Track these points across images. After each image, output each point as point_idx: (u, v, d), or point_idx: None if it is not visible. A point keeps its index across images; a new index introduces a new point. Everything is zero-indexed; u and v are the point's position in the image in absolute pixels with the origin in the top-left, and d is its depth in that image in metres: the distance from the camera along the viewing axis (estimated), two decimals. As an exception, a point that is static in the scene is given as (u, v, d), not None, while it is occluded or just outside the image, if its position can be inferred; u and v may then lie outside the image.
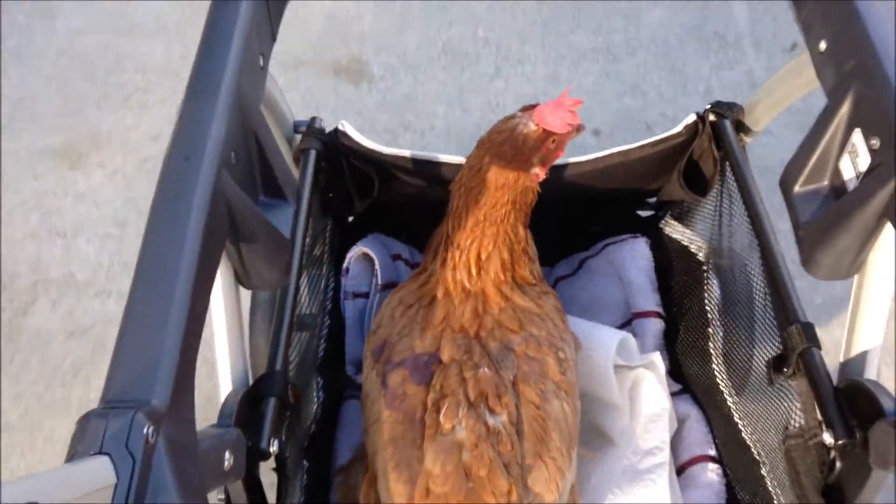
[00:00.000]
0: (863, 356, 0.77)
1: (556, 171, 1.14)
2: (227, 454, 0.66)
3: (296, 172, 1.05)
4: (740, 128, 1.07)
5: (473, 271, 0.91)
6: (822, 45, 0.80)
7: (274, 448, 0.77)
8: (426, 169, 1.12)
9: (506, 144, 0.90)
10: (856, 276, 0.79)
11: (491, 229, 0.92)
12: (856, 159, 0.77)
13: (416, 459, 0.79)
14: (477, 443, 0.78)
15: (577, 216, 1.31)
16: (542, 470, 0.80)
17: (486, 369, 0.84)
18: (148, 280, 0.59)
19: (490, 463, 0.78)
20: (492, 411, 0.81)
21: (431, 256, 0.97)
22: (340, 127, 1.11)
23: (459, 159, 1.05)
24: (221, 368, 0.77)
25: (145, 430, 0.51)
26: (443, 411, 0.80)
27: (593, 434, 1.11)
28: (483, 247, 0.92)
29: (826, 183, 0.83)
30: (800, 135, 0.80)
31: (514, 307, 0.91)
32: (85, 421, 0.52)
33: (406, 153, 1.11)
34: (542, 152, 0.92)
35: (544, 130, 0.91)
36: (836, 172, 0.81)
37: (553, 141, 0.92)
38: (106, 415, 0.52)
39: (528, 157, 0.91)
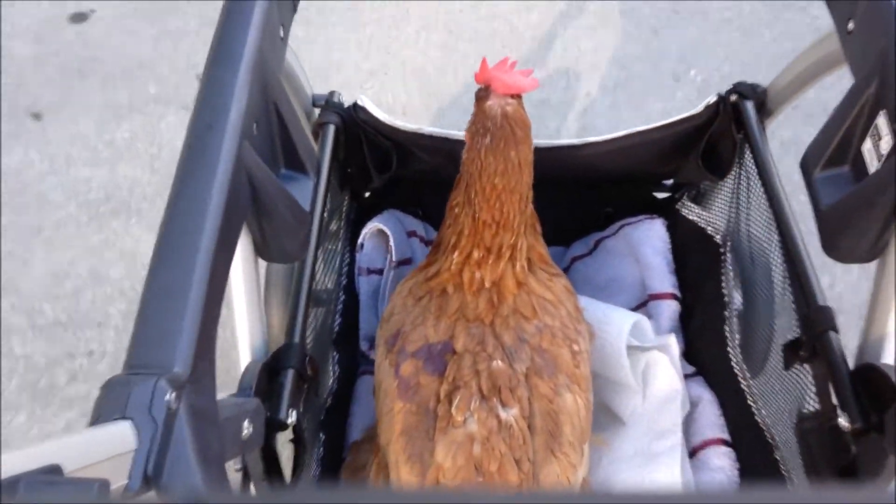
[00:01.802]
0: (881, 340, 0.76)
1: (574, 151, 1.14)
2: (245, 423, 0.67)
3: (315, 146, 1.05)
4: (761, 109, 1.06)
5: (501, 266, 0.88)
6: (851, 25, 0.79)
7: (292, 419, 0.78)
8: (444, 146, 1.11)
9: (517, 130, 0.86)
10: (877, 261, 0.78)
11: (518, 220, 0.89)
12: (878, 143, 0.76)
13: (427, 451, 0.79)
14: (489, 436, 0.78)
15: (594, 196, 1.31)
16: (553, 465, 0.80)
17: (499, 362, 0.83)
18: (170, 248, 0.60)
19: (501, 458, 0.77)
20: (504, 405, 0.80)
21: (441, 252, 0.93)
22: (359, 102, 1.11)
23: None
24: (241, 339, 0.78)
25: (168, 397, 0.51)
26: (455, 403, 0.80)
27: (605, 415, 1.11)
28: (518, 237, 0.89)
29: (847, 166, 0.82)
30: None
31: (529, 292, 0.90)
32: (108, 386, 0.52)
33: (424, 129, 1.11)
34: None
35: (518, 95, 0.88)
36: (858, 155, 0.80)
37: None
38: (129, 381, 0.52)
39: (528, 134, 0.89)
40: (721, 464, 1.07)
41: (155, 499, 0.51)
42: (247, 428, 0.67)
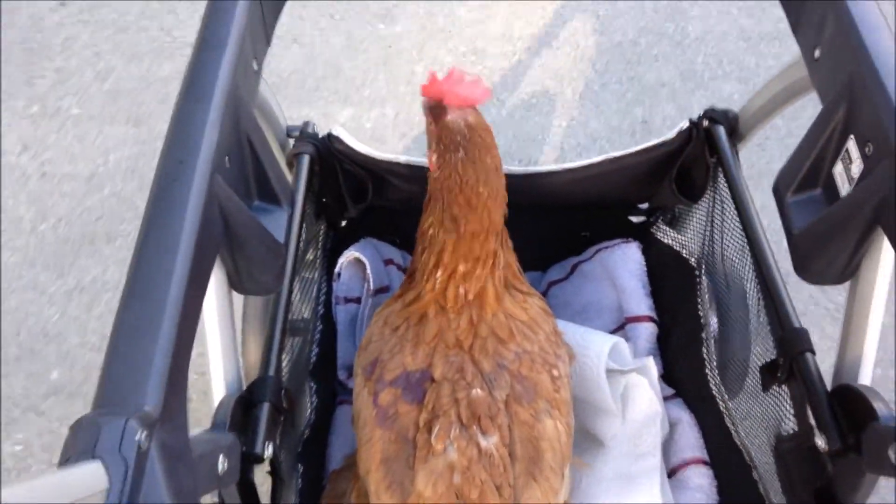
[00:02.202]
0: (857, 361, 0.77)
1: (550, 178, 1.15)
2: (221, 458, 0.66)
3: (289, 177, 1.04)
4: (733, 134, 1.07)
5: (485, 274, 0.88)
6: (817, 53, 0.81)
7: (268, 452, 0.77)
8: (420, 174, 1.12)
9: (471, 147, 0.86)
10: (849, 282, 0.79)
11: (501, 222, 0.90)
12: (849, 166, 0.77)
13: (408, 479, 0.78)
14: (469, 465, 0.78)
15: (569, 222, 1.31)
16: (534, 490, 0.80)
17: (478, 390, 0.82)
18: (141, 284, 0.59)
19: (481, 485, 0.77)
20: (484, 433, 0.80)
21: (417, 281, 0.92)
22: (334, 132, 1.11)
23: None
24: (214, 373, 0.77)
25: (138, 436, 0.51)
26: (434, 432, 0.79)
27: (585, 438, 1.11)
28: (499, 241, 0.89)
29: (819, 190, 0.83)
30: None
31: (506, 313, 0.90)
32: (77, 426, 0.51)
33: (400, 158, 1.11)
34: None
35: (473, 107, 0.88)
36: (830, 179, 0.81)
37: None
38: (98, 420, 0.51)
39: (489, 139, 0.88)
40: (700, 483, 1.07)
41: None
42: (222, 463, 0.66)
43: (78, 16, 2.30)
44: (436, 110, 0.87)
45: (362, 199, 1.17)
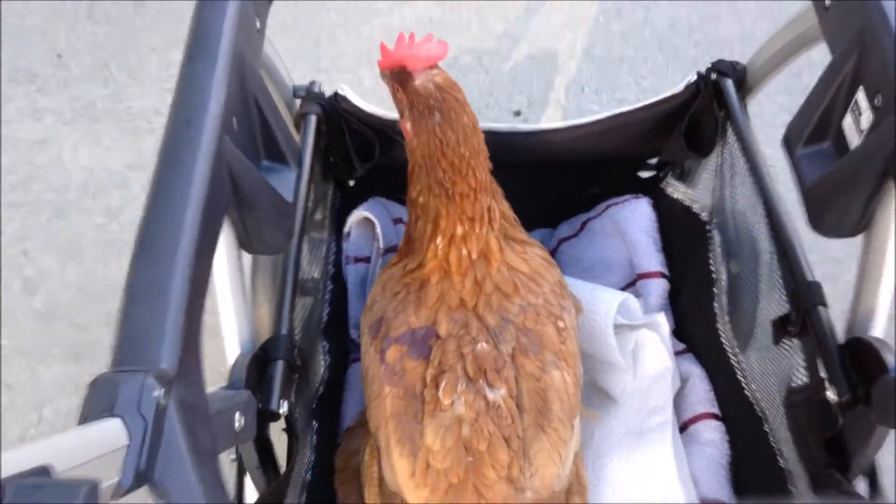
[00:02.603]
0: (869, 314, 0.77)
1: (557, 134, 1.14)
2: (237, 415, 0.67)
3: (296, 137, 1.04)
4: (741, 87, 1.06)
5: (485, 231, 0.88)
6: (828, 2, 0.80)
7: (283, 409, 0.78)
8: None
9: (446, 108, 0.85)
10: (863, 235, 0.79)
11: (489, 179, 0.89)
12: (859, 118, 0.77)
13: (417, 434, 0.79)
14: (476, 417, 0.78)
15: (578, 178, 1.31)
16: (543, 441, 0.80)
17: (484, 344, 0.83)
18: (151, 245, 0.59)
19: (490, 437, 0.78)
20: (491, 385, 0.80)
21: (416, 250, 0.92)
22: (340, 91, 1.10)
23: None
24: (227, 333, 0.78)
25: (156, 393, 0.51)
26: (441, 387, 0.80)
27: (596, 394, 1.11)
28: (492, 198, 0.89)
29: (829, 142, 0.83)
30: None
31: (508, 266, 0.89)
32: (96, 385, 0.52)
33: None
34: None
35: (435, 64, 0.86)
36: (839, 131, 0.80)
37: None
38: (117, 379, 0.52)
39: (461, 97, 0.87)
40: (711, 437, 1.08)
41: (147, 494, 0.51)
42: (238, 420, 0.67)
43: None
44: (400, 77, 0.86)
45: (369, 157, 1.17)
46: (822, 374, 0.78)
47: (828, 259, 1.27)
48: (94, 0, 2.14)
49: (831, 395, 0.76)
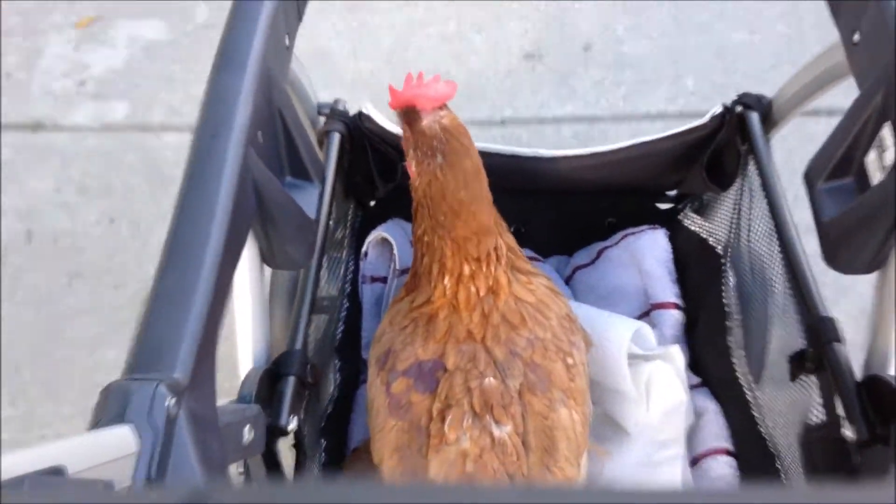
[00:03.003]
0: (885, 351, 0.76)
1: (577, 162, 1.14)
2: (246, 429, 0.67)
3: (320, 154, 1.05)
4: (766, 121, 1.06)
5: (493, 270, 0.88)
6: (856, 37, 0.79)
7: (292, 425, 0.78)
8: None
9: (449, 152, 0.85)
10: (878, 272, 0.78)
11: (492, 221, 0.89)
12: (882, 154, 0.76)
13: (421, 468, 0.79)
14: (481, 454, 0.78)
15: (597, 207, 1.31)
16: (549, 481, 0.80)
17: (491, 379, 0.82)
18: (176, 255, 0.60)
19: (495, 474, 0.77)
20: (497, 422, 0.80)
21: (423, 287, 0.91)
22: (364, 110, 1.11)
23: (487, 146, 1.04)
24: (242, 346, 0.78)
25: (167, 403, 0.52)
26: (447, 421, 0.80)
27: (608, 425, 1.10)
28: (497, 237, 0.89)
29: (851, 178, 0.83)
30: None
31: (515, 297, 0.89)
32: (108, 391, 0.52)
33: None
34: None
35: (444, 105, 0.87)
36: (862, 168, 0.80)
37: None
38: (129, 386, 0.52)
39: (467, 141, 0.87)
40: (722, 473, 1.06)
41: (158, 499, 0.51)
42: (248, 434, 0.67)
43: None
44: (408, 116, 0.86)
45: (392, 178, 1.17)
46: (839, 411, 0.78)
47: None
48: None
49: (848, 433, 0.75)
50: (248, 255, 0.75)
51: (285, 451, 0.80)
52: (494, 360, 0.84)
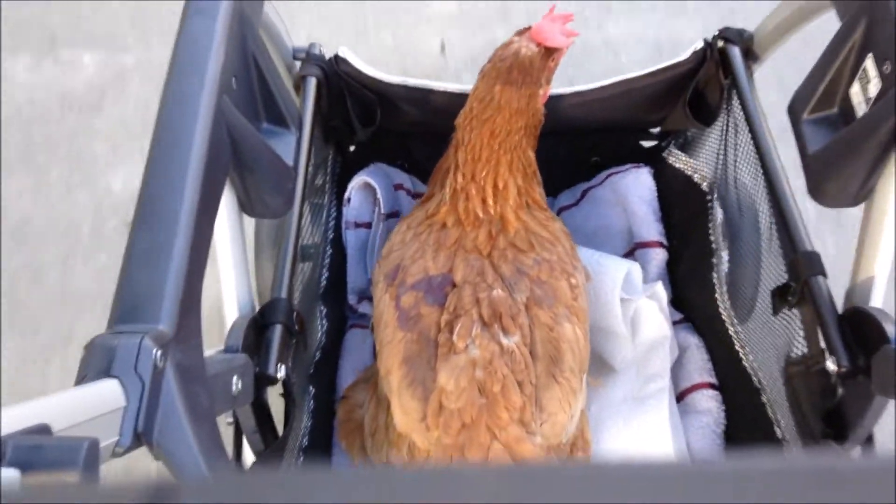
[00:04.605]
0: (869, 284, 0.77)
1: (559, 101, 1.13)
2: (234, 379, 0.67)
3: (297, 100, 1.03)
4: (748, 55, 1.05)
5: (490, 201, 0.91)
6: (837, -33, 0.78)
7: (281, 374, 0.78)
8: (428, 97, 1.10)
9: (513, 70, 0.89)
10: (864, 204, 0.79)
11: (506, 157, 0.92)
12: (866, 85, 0.76)
13: (429, 378, 0.79)
14: (491, 360, 0.79)
15: (580, 146, 1.30)
16: (554, 390, 0.81)
17: (499, 290, 0.84)
18: (152, 206, 0.59)
19: (504, 379, 0.78)
20: (505, 331, 0.81)
21: (438, 187, 0.96)
22: (340, 53, 1.09)
23: (463, 88, 1.03)
24: (227, 296, 0.77)
25: (153, 354, 0.51)
26: (456, 331, 0.80)
27: (596, 362, 1.12)
28: (500, 175, 0.92)
29: (835, 110, 0.82)
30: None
31: (527, 229, 0.92)
32: (93, 346, 0.52)
33: (408, 81, 1.10)
34: (546, 71, 0.93)
35: (546, 48, 0.90)
36: (846, 99, 0.80)
37: (553, 59, 0.92)
38: (114, 340, 0.52)
39: (537, 78, 0.90)
40: (708, 406, 1.08)
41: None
42: (236, 383, 0.67)
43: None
44: (521, 31, 0.92)
45: (371, 122, 1.16)
46: (822, 344, 0.78)
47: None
48: None
49: (831, 365, 0.76)
50: (226, 204, 0.74)
51: (274, 399, 0.81)
52: (502, 275, 0.86)
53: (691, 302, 1.18)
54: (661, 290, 1.11)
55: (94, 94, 1.85)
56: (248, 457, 0.78)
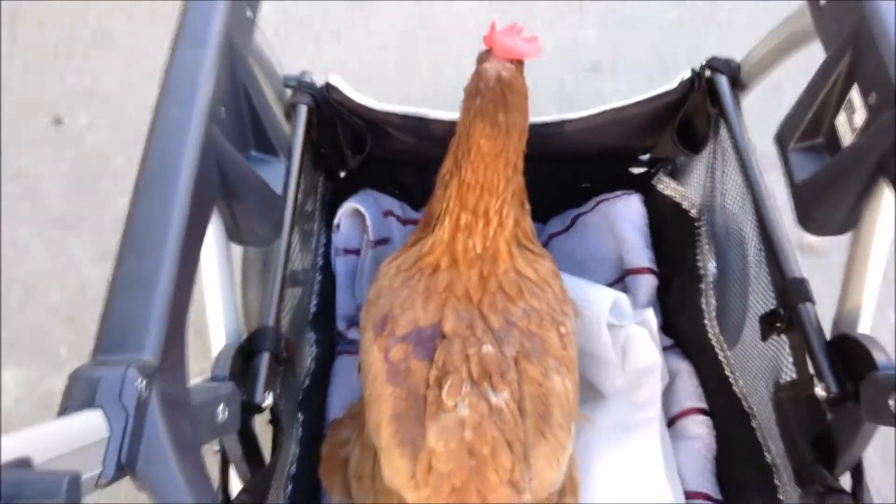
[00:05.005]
0: (856, 311, 0.77)
1: (551, 129, 1.14)
2: (220, 407, 0.66)
3: (287, 128, 1.03)
4: (735, 84, 1.06)
5: (491, 233, 0.89)
6: (822, 1, 0.79)
7: (268, 401, 0.77)
8: (419, 126, 1.11)
9: (507, 95, 0.87)
10: (851, 232, 0.79)
11: (510, 184, 0.90)
12: (852, 115, 0.77)
13: (419, 436, 0.78)
14: (480, 421, 0.78)
15: (570, 173, 1.31)
16: (543, 447, 0.80)
17: (489, 346, 0.82)
18: (138, 236, 0.59)
19: (493, 441, 0.77)
20: (495, 389, 0.80)
21: (432, 227, 0.93)
22: (331, 81, 1.10)
23: (453, 115, 1.04)
24: (214, 323, 0.77)
25: (138, 384, 0.51)
26: (445, 388, 0.79)
27: (586, 388, 1.11)
28: (505, 202, 0.89)
29: (821, 139, 0.83)
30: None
31: (517, 271, 0.90)
32: (77, 376, 0.52)
33: (398, 109, 1.10)
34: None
35: (519, 62, 0.89)
36: (832, 129, 0.81)
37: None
38: (98, 370, 0.51)
39: (525, 94, 0.89)
40: (699, 432, 1.08)
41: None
42: (222, 412, 0.67)
43: None
44: (482, 57, 0.89)
45: (361, 149, 1.16)
46: (811, 370, 0.79)
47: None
48: None
49: (819, 391, 0.76)
50: (214, 232, 0.74)
51: (263, 427, 0.80)
52: (491, 328, 0.85)
53: (681, 327, 1.19)
54: (651, 317, 1.11)
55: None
56: (235, 485, 0.77)
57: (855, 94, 0.75)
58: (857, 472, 0.75)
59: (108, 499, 0.48)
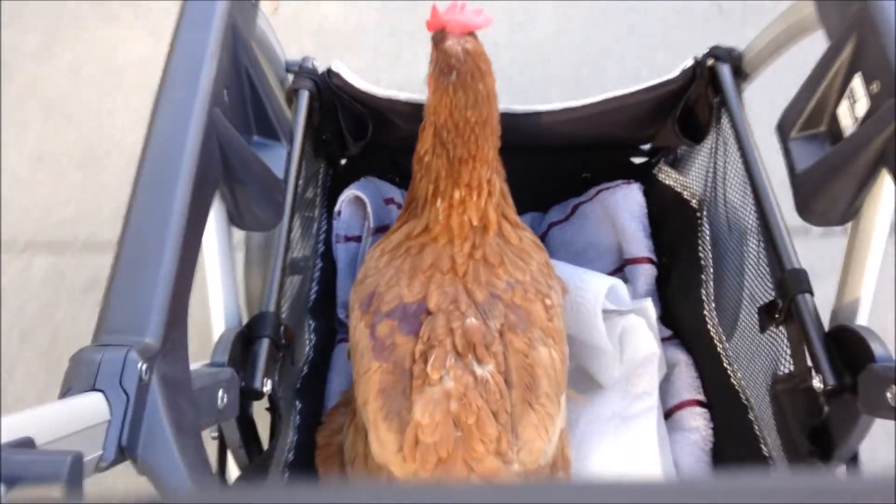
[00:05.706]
0: (855, 302, 0.77)
1: (551, 117, 1.13)
2: (220, 393, 0.66)
3: (288, 113, 1.03)
4: (738, 73, 1.05)
5: (483, 203, 0.91)
6: (826, -12, 0.79)
7: (267, 388, 0.77)
8: (420, 112, 1.10)
9: (479, 63, 0.88)
10: (851, 223, 0.79)
11: (492, 154, 0.92)
12: (854, 105, 0.76)
13: (405, 409, 0.79)
14: (465, 392, 0.78)
15: (570, 162, 1.30)
16: (530, 416, 0.81)
17: (473, 319, 0.83)
18: (140, 219, 0.59)
19: (478, 411, 0.78)
20: (480, 361, 0.81)
21: (419, 209, 0.95)
22: (333, 67, 1.09)
23: None
24: (214, 308, 0.77)
25: (139, 367, 0.51)
26: (430, 362, 0.80)
27: (583, 379, 1.12)
28: (493, 172, 0.92)
29: (823, 129, 0.83)
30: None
31: (502, 236, 0.92)
32: (78, 358, 0.52)
33: (400, 95, 1.10)
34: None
35: (472, 33, 0.90)
36: (834, 118, 0.80)
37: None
38: (99, 352, 0.51)
39: (489, 60, 0.90)
40: (696, 424, 1.08)
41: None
42: (221, 397, 0.67)
43: None
44: (437, 38, 0.90)
45: (362, 136, 1.16)
46: (808, 362, 0.79)
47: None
48: None
49: (817, 383, 0.76)
50: (216, 216, 0.74)
51: (260, 413, 0.80)
52: (476, 301, 0.85)
53: (680, 318, 1.19)
54: (649, 307, 1.11)
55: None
56: (233, 471, 0.77)
57: (857, 83, 0.75)
58: (854, 465, 0.76)
59: (106, 495, 0.48)
